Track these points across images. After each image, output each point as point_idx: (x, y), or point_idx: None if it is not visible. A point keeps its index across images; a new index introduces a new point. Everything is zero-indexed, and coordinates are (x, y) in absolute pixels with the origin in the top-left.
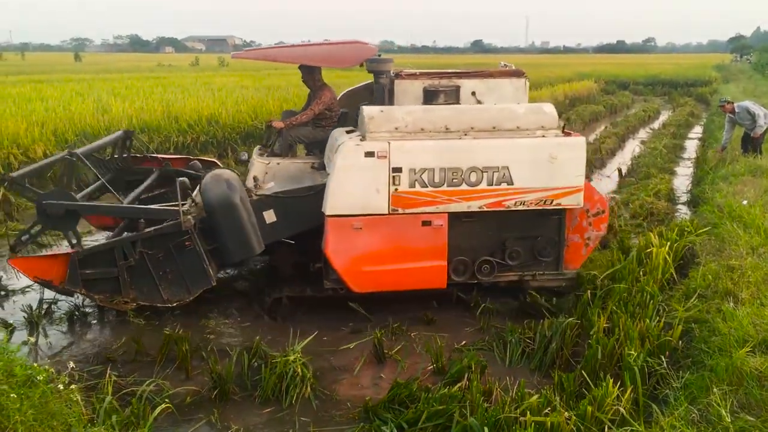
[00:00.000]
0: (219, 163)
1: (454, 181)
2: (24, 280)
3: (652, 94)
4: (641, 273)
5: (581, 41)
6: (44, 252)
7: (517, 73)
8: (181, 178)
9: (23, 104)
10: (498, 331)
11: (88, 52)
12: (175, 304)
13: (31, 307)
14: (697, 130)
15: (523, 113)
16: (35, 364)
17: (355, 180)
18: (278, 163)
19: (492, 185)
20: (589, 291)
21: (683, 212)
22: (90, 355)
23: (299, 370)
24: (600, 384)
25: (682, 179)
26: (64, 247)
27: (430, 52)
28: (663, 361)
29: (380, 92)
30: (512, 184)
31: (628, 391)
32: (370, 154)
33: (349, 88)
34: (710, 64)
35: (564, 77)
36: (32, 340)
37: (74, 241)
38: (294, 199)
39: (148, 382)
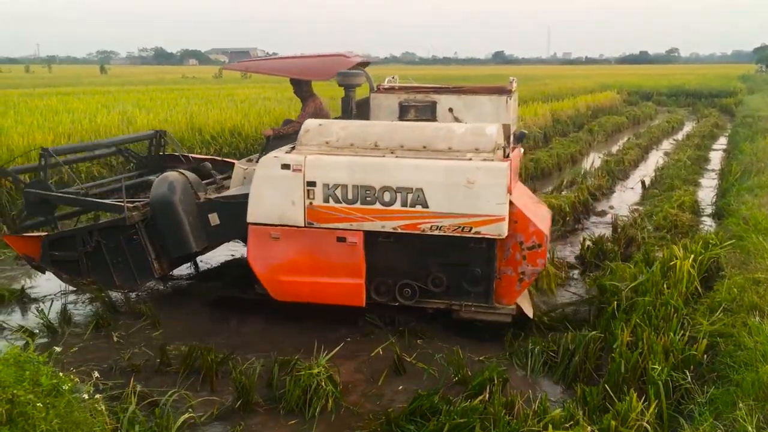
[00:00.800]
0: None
1: (367, 199)
2: (46, 288)
3: (676, 105)
4: (665, 286)
5: (604, 52)
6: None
7: (499, 90)
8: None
9: (50, 116)
10: (518, 342)
11: (114, 65)
12: (127, 291)
13: (54, 315)
14: (721, 142)
15: (461, 134)
16: (61, 374)
17: (273, 191)
18: (254, 169)
19: (406, 207)
20: (613, 303)
21: (708, 224)
22: (114, 364)
23: (323, 383)
24: (624, 398)
25: (707, 191)
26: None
27: (451, 63)
28: (688, 376)
29: (346, 105)
30: (427, 207)
31: (653, 406)
32: (286, 166)
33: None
34: (735, 75)
35: (586, 88)
36: (57, 349)
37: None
38: (234, 204)
39: (171, 392)
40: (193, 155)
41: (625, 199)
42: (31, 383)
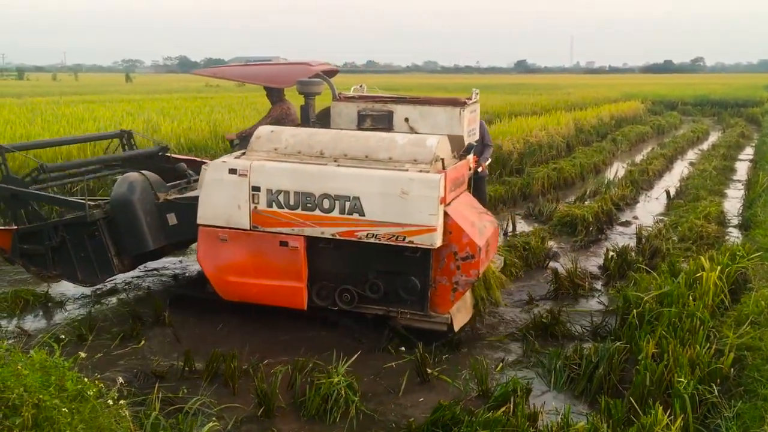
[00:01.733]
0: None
1: (308, 205)
2: (71, 293)
3: (701, 115)
4: (691, 298)
5: (627, 61)
6: None
7: (453, 102)
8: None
9: (76, 124)
10: (538, 353)
11: (139, 73)
12: (89, 286)
13: (80, 320)
14: (748, 152)
15: (402, 145)
16: (86, 379)
17: (220, 194)
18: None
19: (344, 214)
20: (634, 312)
21: (734, 236)
22: (138, 370)
23: (343, 392)
24: (649, 411)
25: (733, 202)
26: None
27: (473, 72)
28: (714, 389)
29: (305, 113)
30: (363, 215)
31: (678, 420)
32: (233, 171)
33: (321, 109)
34: (761, 84)
35: (610, 97)
36: (82, 354)
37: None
38: (190, 205)
39: (194, 399)
40: (173, 155)
41: (649, 210)
42: (56, 388)
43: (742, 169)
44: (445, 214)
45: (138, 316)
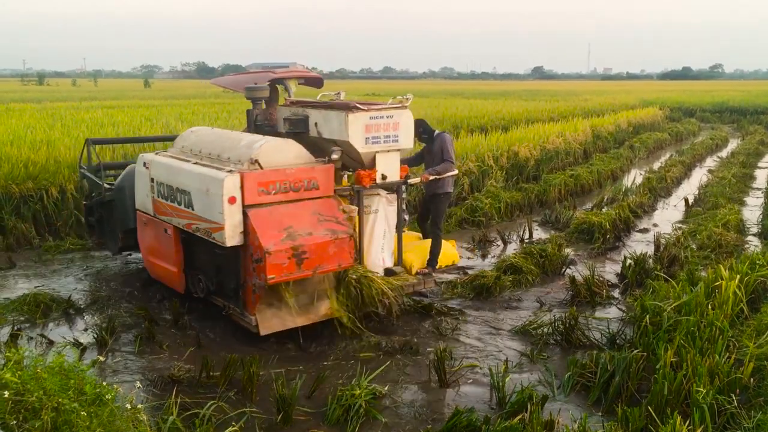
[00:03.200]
0: None
1: (172, 197)
2: (91, 298)
3: (720, 122)
4: (710, 307)
5: (645, 67)
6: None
7: (343, 107)
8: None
9: (96, 129)
10: (557, 361)
11: (157, 79)
12: (114, 254)
13: (99, 326)
14: (767, 159)
15: (241, 146)
16: (104, 383)
17: (139, 183)
18: None
19: (185, 207)
20: (647, 320)
21: (754, 244)
22: (156, 375)
23: (363, 404)
24: (667, 421)
25: (753, 210)
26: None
27: (489, 78)
28: (734, 399)
29: (249, 118)
30: (193, 209)
31: (698, 430)
32: (144, 164)
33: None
34: None
35: (627, 104)
36: (101, 359)
37: None
38: None
39: (210, 403)
40: None
41: (667, 217)
42: (75, 392)
43: (761, 176)
44: (245, 214)
45: (156, 321)
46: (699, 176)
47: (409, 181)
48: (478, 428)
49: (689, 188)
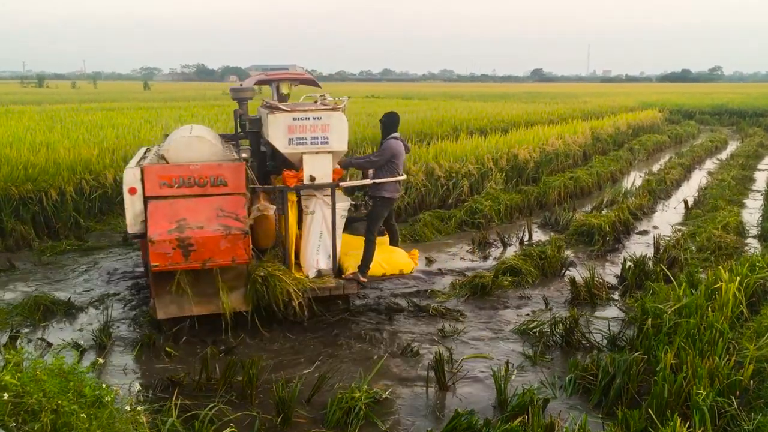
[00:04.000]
0: None
1: None
2: (92, 301)
3: (719, 124)
4: (710, 309)
5: (644, 70)
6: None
7: (269, 107)
8: None
9: (95, 131)
10: (558, 364)
11: (157, 81)
12: None
13: (100, 328)
14: (767, 162)
15: (165, 142)
16: (104, 385)
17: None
18: None
19: None
20: (650, 322)
21: (753, 246)
22: (156, 377)
23: (363, 406)
24: (667, 423)
25: (752, 212)
26: None
27: (489, 80)
28: (734, 402)
29: (236, 118)
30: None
31: None
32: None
33: None
34: None
35: (627, 106)
36: (101, 361)
37: None
38: None
39: (210, 405)
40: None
41: (667, 219)
42: (75, 394)
43: (761, 179)
44: (146, 205)
45: (156, 323)
46: (698, 178)
47: (341, 183)
48: (478, 431)
49: (689, 190)
